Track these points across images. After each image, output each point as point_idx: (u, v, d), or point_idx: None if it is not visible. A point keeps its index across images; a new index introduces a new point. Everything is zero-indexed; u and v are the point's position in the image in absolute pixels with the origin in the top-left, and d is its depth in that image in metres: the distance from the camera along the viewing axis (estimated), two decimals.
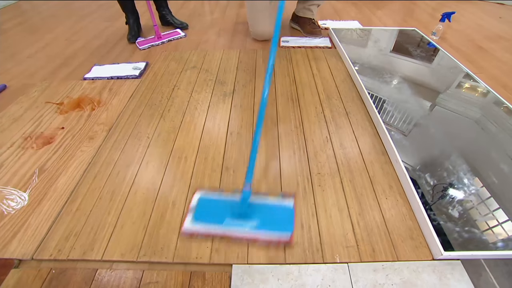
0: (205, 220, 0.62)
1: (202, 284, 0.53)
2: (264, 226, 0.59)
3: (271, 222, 0.60)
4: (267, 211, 0.62)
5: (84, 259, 0.58)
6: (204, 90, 1.10)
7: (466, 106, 0.95)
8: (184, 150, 0.83)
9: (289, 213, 0.62)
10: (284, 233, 0.59)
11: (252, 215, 0.61)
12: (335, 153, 0.80)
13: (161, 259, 0.57)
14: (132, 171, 0.77)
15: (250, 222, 0.60)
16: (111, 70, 1.23)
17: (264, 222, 0.60)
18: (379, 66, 1.17)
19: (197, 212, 0.63)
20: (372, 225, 0.63)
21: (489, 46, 1.39)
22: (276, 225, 0.60)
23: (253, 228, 0.59)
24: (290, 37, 1.46)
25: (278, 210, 0.63)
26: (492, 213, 0.63)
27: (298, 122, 0.91)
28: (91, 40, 1.56)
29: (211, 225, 0.60)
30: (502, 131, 0.85)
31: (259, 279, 0.54)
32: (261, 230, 0.59)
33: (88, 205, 0.69)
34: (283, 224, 0.60)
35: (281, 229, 0.59)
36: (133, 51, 1.41)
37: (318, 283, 0.54)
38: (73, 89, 1.12)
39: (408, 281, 0.55)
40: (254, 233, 0.59)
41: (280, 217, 0.61)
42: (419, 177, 0.71)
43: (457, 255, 0.57)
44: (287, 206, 0.63)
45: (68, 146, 0.86)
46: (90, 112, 1.00)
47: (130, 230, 0.63)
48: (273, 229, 0.59)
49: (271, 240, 0.58)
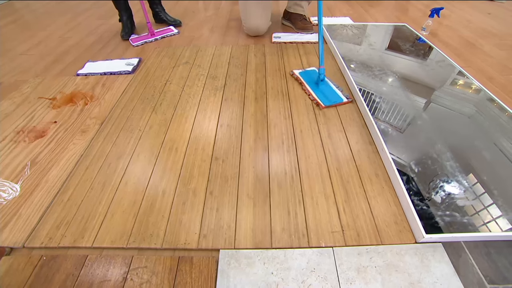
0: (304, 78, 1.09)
1: (189, 268, 0.54)
2: (323, 94, 1.00)
3: (328, 94, 1.00)
4: (329, 89, 1.03)
5: (75, 246, 0.59)
6: (195, 84, 1.11)
7: (452, 98, 0.97)
8: (175, 142, 0.84)
9: (339, 99, 0.98)
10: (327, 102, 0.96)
11: (322, 85, 1.04)
12: (323, 142, 0.81)
13: (150, 245, 0.58)
14: (123, 162, 0.78)
15: (319, 89, 1.03)
16: (104, 66, 1.23)
17: (324, 93, 1.01)
18: (368, 60, 1.19)
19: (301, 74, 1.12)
20: (357, 211, 0.64)
21: (477, 41, 1.41)
22: (330, 97, 0.98)
23: (318, 93, 1.01)
24: (281, 33, 1.48)
25: (335, 94, 1.00)
26: (473, 197, 0.65)
27: (287, 114, 0.92)
28: (84, 37, 1.56)
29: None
30: (485, 120, 0.87)
31: (245, 263, 0.55)
32: (320, 94, 1.00)
33: (79, 195, 0.70)
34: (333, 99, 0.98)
35: (331, 100, 0.97)
36: (126, 47, 1.42)
37: (303, 266, 0.55)
38: (66, 85, 1.13)
39: (391, 263, 0.56)
40: (315, 95, 0.99)
41: (334, 96, 0.99)
42: (405, 165, 0.72)
43: (438, 237, 0.58)
44: (340, 97, 0.99)
45: (61, 140, 0.86)
46: (83, 106, 1.01)
47: (120, 219, 0.64)
48: (327, 97, 0.98)
49: (320, 101, 0.96)
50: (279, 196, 0.67)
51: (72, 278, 0.54)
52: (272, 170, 0.73)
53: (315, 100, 0.96)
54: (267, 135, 0.84)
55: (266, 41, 1.42)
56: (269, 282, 0.52)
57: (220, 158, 0.78)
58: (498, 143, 0.79)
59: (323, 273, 0.54)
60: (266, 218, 0.62)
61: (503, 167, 0.72)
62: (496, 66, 1.20)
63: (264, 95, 1.02)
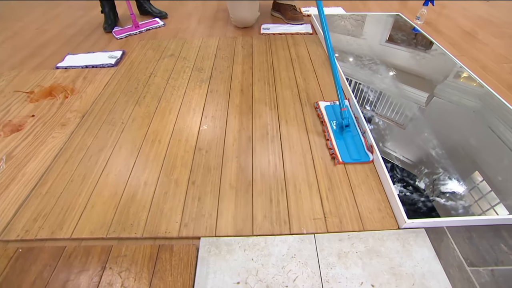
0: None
1: (169, 256, 0.58)
2: (345, 145, 0.83)
3: (351, 148, 0.82)
4: (354, 139, 0.84)
5: (53, 238, 0.62)
6: (181, 77, 1.14)
7: (441, 87, 1.02)
8: (158, 134, 0.87)
9: (365, 157, 0.79)
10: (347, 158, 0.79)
11: (346, 133, 0.85)
12: (308, 132, 0.85)
13: (130, 235, 0.62)
14: (105, 155, 0.81)
15: (343, 137, 0.85)
16: (86, 59, 1.26)
17: (347, 143, 0.83)
18: (358, 51, 1.24)
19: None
20: (341, 199, 0.68)
21: (473, 30, 1.47)
22: (353, 152, 0.81)
23: (339, 142, 0.83)
24: (271, 24, 1.52)
25: (359, 147, 0.82)
26: (458, 183, 0.70)
27: (273, 104, 0.97)
28: (63, 29, 1.59)
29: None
30: (474, 107, 0.92)
31: (225, 250, 0.59)
32: (341, 144, 0.82)
33: (58, 188, 0.73)
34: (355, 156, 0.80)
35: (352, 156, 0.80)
36: (109, 40, 1.45)
37: (284, 252, 0.59)
38: (44, 78, 1.16)
39: (372, 248, 0.60)
40: (336, 144, 0.82)
41: (357, 151, 0.81)
42: (389, 152, 0.77)
43: (420, 222, 0.62)
44: (367, 155, 0.80)
45: (39, 133, 0.89)
46: (63, 100, 1.04)
47: (101, 210, 0.67)
48: (348, 151, 0.81)
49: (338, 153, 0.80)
50: (262, 185, 0.71)
51: (49, 269, 0.57)
52: (256, 159, 0.77)
53: (333, 150, 0.80)
54: (252, 126, 0.88)
55: (254, 33, 1.47)
56: (249, 268, 0.56)
57: (204, 148, 0.81)
58: (484, 129, 0.84)
59: (304, 259, 0.58)
60: (248, 206, 0.66)
61: (489, 153, 0.77)
62: (491, 55, 1.25)
63: (250, 86, 1.06)
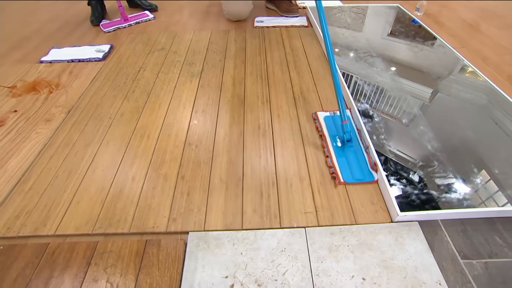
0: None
1: (157, 250, 0.57)
2: (347, 163, 0.76)
3: (354, 166, 0.75)
4: (357, 155, 0.77)
5: (36, 235, 0.61)
6: (171, 71, 1.14)
7: (438, 79, 1.02)
8: (147, 129, 0.87)
9: (369, 177, 0.72)
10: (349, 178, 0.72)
11: (348, 148, 0.78)
12: (300, 127, 0.85)
13: (117, 230, 0.61)
14: (91, 150, 0.81)
15: (344, 153, 0.77)
16: (72, 53, 1.25)
17: (349, 161, 0.76)
18: (354, 43, 1.24)
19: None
20: (333, 193, 0.68)
21: (475, 21, 1.46)
22: (355, 171, 0.74)
23: (341, 159, 0.76)
24: (265, 17, 1.52)
25: (362, 165, 0.75)
26: (452, 176, 0.70)
27: (265, 99, 0.96)
28: (48, 22, 1.56)
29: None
30: (471, 98, 0.93)
31: (214, 245, 0.59)
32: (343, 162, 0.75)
33: (42, 184, 0.72)
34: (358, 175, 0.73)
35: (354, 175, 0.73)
36: (96, 34, 1.44)
37: (273, 246, 0.59)
38: (27, 73, 1.14)
39: (364, 242, 0.61)
40: (337, 162, 0.75)
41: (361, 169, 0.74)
42: (383, 145, 0.77)
43: (413, 215, 0.63)
44: (371, 174, 0.73)
45: (22, 129, 0.88)
46: (47, 95, 1.02)
47: (87, 205, 0.66)
48: (351, 170, 0.74)
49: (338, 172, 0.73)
50: (252, 179, 0.71)
51: (32, 266, 0.56)
52: (247, 154, 0.77)
53: (334, 169, 0.73)
54: (243, 120, 0.88)
55: (248, 26, 1.46)
56: (237, 262, 0.56)
57: (194, 143, 0.81)
58: (482, 121, 0.85)
59: (294, 253, 0.58)
60: (238, 200, 0.66)
61: (486, 146, 0.77)
62: (493, 46, 1.25)
63: (243, 80, 1.06)
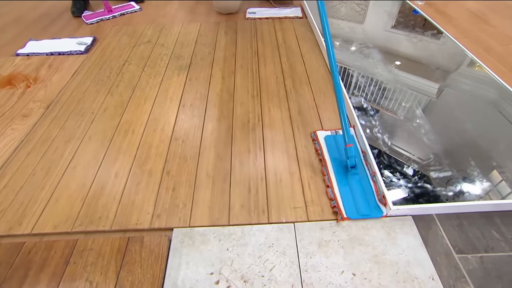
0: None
1: (139, 248, 0.57)
2: (351, 194, 0.67)
3: (359, 198, 0.66)
4: (362, 184, 0.69)
5: (10, 234, 0.60)
6: (158, 64, 1.12)
7: (437, 70, 1.03)
8: (131, 124, 0.86)
9: (376, 211, 0.65)
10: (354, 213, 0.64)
11: (352, 176, 0.69)
12: (291, 119, 0.85)
13: (98, 228, 0.60)
14: (72, 146, 0.79)
15: (348, 182, 0.69)
16: (51, 46, 1.23)
17: (353, 192, 0.67)
18: (350, 34, 1.24)
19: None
20: (324, 187, 0.68)
21: (480, 11, 1.45)
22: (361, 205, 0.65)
23: (344, 190, 0.67)
24: (257, 8, 1.51)
25: (369, 196, 0.67)
26: (447, 169, 0.71)
27: (256, 92, 0.96)
28: (25, 12, 1.53)
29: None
30: (471, 90, 0.93)
31: (200, 241, 0.58)
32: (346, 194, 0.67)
33: (18, 181, 0.70)
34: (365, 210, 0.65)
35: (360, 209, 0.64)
36: (78, 25, 1.41)
37: (261, 242, 0.58)
38: (2, 66, 1.12)
39: (355, 237, 0.61)
40: (339, 193, 0.66)
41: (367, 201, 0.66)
42: (376, 138, 0.77)
43: (406, 209, 0.63)
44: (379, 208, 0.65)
45: None
46: (24, 89, 1.00)
47: (66, 203, 0.65)
48: (355, 204, 0.65)
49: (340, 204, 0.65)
50: (241, 174, 0.70)
51: (6, 266, 0.55)
52: (235, 148, 0.77)
53: (335, 202, 0.64)
54: (232, 114, 0.87)
55: (239, 18, 1.45)
56: (223, 258, 0.55)
57: (180, 138, 0.80)
58: (481, 114, 0.85)
59: (282, 248, 0.57)
60: (225, 195, 0.65)
61: (481, 138, 0.78)
62: (498, 36, 1.24)
63: (233, 74, 1.05)
